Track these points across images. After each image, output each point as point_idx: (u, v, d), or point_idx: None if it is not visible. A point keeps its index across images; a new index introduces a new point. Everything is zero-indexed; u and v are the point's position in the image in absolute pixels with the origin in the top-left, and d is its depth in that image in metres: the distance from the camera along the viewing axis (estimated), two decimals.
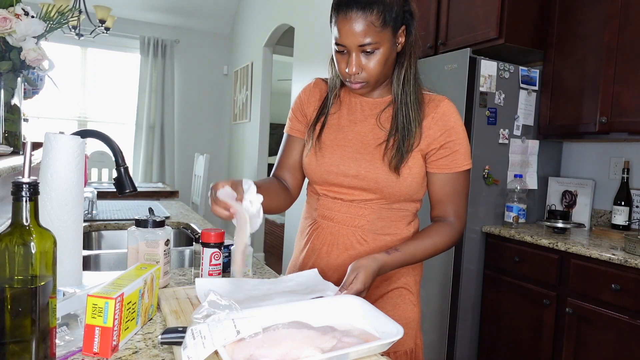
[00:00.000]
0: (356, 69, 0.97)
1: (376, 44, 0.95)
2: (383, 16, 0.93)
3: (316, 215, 1.12)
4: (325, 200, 1.09)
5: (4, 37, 1.27)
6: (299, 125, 1.16)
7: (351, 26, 0.93)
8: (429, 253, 1.03)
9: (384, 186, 1.02)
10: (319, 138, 1.09)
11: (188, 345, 0.62)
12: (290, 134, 1.17)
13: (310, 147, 1.10)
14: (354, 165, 1.04)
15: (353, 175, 1.04)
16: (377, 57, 0.96)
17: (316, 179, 1.10)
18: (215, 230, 1.05)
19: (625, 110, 1.95)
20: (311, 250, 1.12)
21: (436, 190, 1.06)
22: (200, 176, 4.04)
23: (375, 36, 0.94)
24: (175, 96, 5.60)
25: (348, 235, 1.07)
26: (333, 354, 0.64)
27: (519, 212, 2.28)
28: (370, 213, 1.06)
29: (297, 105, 1.17)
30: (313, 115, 1.13)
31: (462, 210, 1.07)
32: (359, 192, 1.05)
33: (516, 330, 2.12)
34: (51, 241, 0.60)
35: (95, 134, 1.16)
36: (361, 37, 0.93)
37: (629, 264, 1.66)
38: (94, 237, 1.87)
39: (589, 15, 2.13)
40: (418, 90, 1.04)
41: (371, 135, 1.06)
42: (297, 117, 1.16)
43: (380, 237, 1.06)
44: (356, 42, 0.94)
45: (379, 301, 1.08)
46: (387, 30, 0.95)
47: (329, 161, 1.07)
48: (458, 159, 1.04)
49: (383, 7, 0.93)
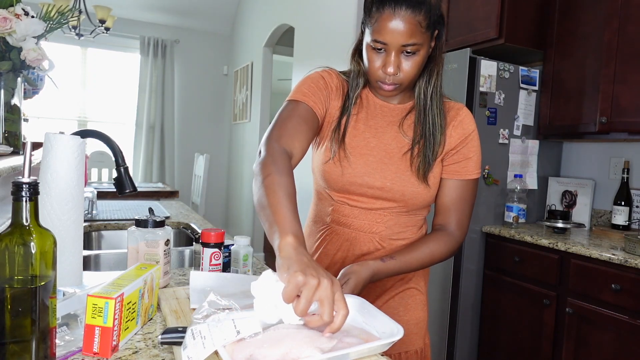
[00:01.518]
0: (394, 70, 0.92)
1: (419, 45, 0.90)
2: (429, 17, 0.90)
3: (329, 220, 1.08)
4: (341, 207, 1.05)
5: (4, 37, 1.27)
6: (316, 99, 1.00)
7: (398, 24, 0.88)
8: (425, 263, 1.02)
9: (409, 197, 1.01)
10: (342, 143, 1.01)
11: (188, 345, 0.62)
12: (305, 101, 0.98)
13: (333, 152, 1.01)
14: (379, 176, 1.00)
15: (378, 187, 1.00)
16: (416, 59, 0.92)
17: (336, 187, 1.03)
18: (215, 230, 1.05)
19: (625, 110, 1.95)
20: (323, 255, 1.09)
21: (443, 196, 1.05)
22: (200, 176, 4.04)
23: (420, 37, 0.89)
24: (175, 96, 5.59)
25: (365, 241, 1.04)
26: (333, 354, 0.64)
27: (519, 212, 2.28)
28: (388, 220, 1.04)
29: (321, 85, 1.02)
30: (334, 111, 1.03)
31: (465, 220, 1.05)
32: (382, 202, 1.02)
33: (516, 330, 2.12)
34: (51, 241, 0.60)
35: (95, 134, 1.16)
36: (407, 37, 0.89)
37: (629, 264, 1.66)
38: (94, 237, 1.87)
39: (589, 15, 2.13)
40: (441, 97, 1.02)
41: (394, 143, 1.02)
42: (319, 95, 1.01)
43: (396, 242, 1.05)
44: (400, 42, 0.89)
45: (391, 301, 1.08)
46: (429, 33, 0.92)
47: (353, 172, 1.01)
48: (469, 166, 1.03)
49: (430, 8, 0.89)
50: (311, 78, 1.03)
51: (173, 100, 5.54)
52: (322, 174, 1.04)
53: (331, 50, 3.44)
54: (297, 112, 0.97)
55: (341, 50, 3.07)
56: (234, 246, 1.11)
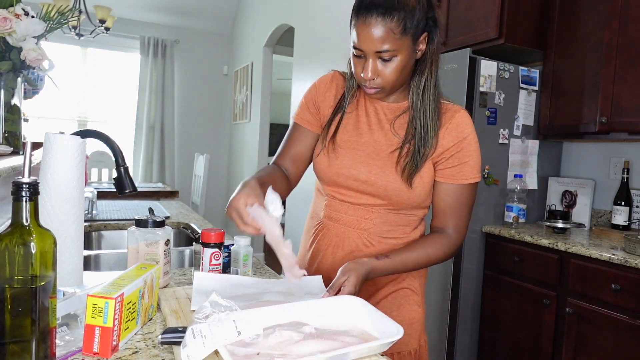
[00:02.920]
0: (371, 75, 0.94)
1: (394, 51, 0.91)
2: (404, 23, 0.90)
3: (322, 215, 1.11)
4: (333, 201, 1.09)
5: (4, 37, 1.27)
6: (309, 116, 1.12)
7: (369, 31, 0.90)
8: (421, 264, 1.02)
9: (392, 194, 1.02)
10: (333, 138, 1.07)
11: (188, 343, 0.62)
12: (299, 122, 1.13)
13: (324, 146, 1.07)
14: (364, 170, 1.03)
15: (363, 180, 1.03)
16: (394, 64, 0.93)
17: (325, 180, 1.09)
18: (215, 230, 1.05)
19: (625, 110, 1.95)
20: (316, 250, 1.12)
21: (439, 200, 1.05)
22: (200, 176, 4.04)
23: (394, 43, 0.91)
24: (175, 96, 5.60)
25: (354, 237, 1.06)
26: (333, 353, 0.64)
27: (519, 212, 2.28)
28: (376, 217, 1.05)
29: (312, 95, 1.13)
30: (327, 112, 1.10)
31: (463, 224, 1.05)
32: (367, 197, 1.04)
33: (516, 330, 2.12)
34: (51, 241, 0.60)
35: (96, 134, 1.16)
36: (379, 44, 0.91)
37: (629, 264, 1.66)
38: (94, 237, 1.87)
39: (589, 15, 2.13)
40: (437, 99, 1.01)
41: (384, 140, 1.04)
42: (309, 108, 1.12)
43: (386, 241, 1.06)
44: (373, 48, 0.91)
45: (384, 301, 1.08)
46: (407, 38, 0.92)
47: (340, 163, 1.05)
48: (465, 170, 1.02)
49: (405, 14, 0.90)
50: (307, 92, 1.15)
51: (173, 100, 5.55)
52: (314, 165, 1.11)
53: (331, 50, 3.44)
54: (292, 134, 1.13)
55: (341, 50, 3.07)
56: (234, 246, 1.11)
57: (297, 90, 4.09)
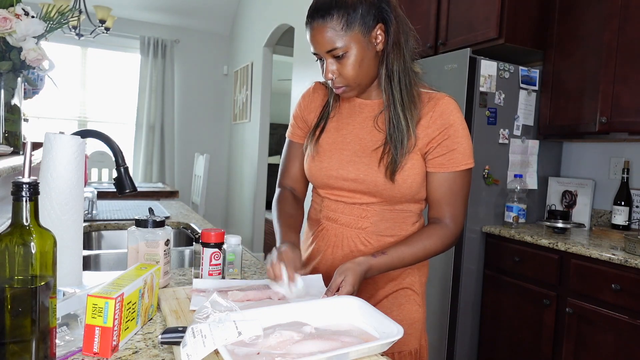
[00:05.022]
0: (331, 75, 0.98)
1: (343, 47, 0.94)
2: (345, 19, 0.93)
3: (321, 216, 1.12)
4: (329, 202, 1.10)
5: (4, 37, 1.27)
6: (299, 131, 1.17)
7: (315, 35, 0.95)
8: (419, 257, 1.01)
9: (382, 190, 1.02)
10: (317, 142, 1.10)
11: (188, 343, 0.62)
12: (292, 139, 1.19)
13: (310, 150, 1.10)
14: (352, 169, 1.04)
15: (352, 179, 1.04)
16: (349, 60, 0.96)
17: (318, 183, 1.10)
18: (215, 230, 1.05)
19: (625, 110, 1.95)
20: (316, 251, 1.12)
21: (432, 190, 1.03)
22: (200, 176, 4.04)
23: (340, 40, 0.94)
24: (175, 96, 5.59)
25: (352, 237, 1.06)
26: (333, 353, 0.64)
27: (519, 212, 2.28)
28: (373, 215, 1.05)
29: (298, 111, 1.18)
30: (314, 121, 1.14)
31: (459, 212, 1.03)
32: (360, 196, 1.05)
33: (516, 330, 2.12)
34: (51, 241, 0.60)
35: (96, 134, 1.16)
36: (327, 44, 0.94)
37: (629, 264, 1.66)
38: (94, 237, 1.87)
39: (589, 15, 2.13)
40: (411, 88, 1.00)
41: (369, 137, 1.05)
42: (298, 124, 1.18)
43: (384, 239, 1.06)
44: (323, 49, 0.95)
45: (384, 301, 1.08)
46: (354, 32, 0.94)
47: (328, 165, 1.07)
48: (456, 157, 1.00)
49: (344, 10, 0.92)
50: (294, 109, 1.20)
51: (173, 100, 5.54)
52: (306, 171, 1.13)
53: None
54: (289, 152, 1.20)
55: None
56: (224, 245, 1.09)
57: (297, 91, 4.09)
